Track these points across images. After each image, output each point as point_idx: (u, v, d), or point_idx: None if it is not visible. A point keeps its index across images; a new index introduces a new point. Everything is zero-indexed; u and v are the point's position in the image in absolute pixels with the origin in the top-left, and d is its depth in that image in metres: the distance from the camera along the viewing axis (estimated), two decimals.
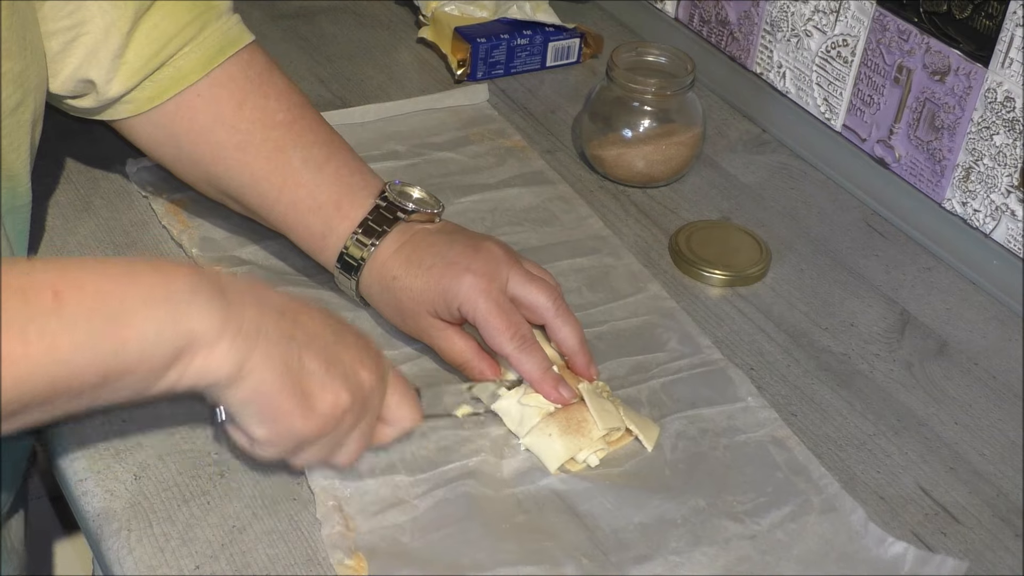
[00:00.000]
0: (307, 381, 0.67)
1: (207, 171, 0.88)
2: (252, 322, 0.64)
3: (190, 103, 0.86)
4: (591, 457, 0.78)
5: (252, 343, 0.64)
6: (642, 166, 1.05)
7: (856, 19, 1.05)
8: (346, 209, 0.86)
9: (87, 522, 0.74)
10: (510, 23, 1.21)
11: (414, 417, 0.75)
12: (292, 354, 0.66)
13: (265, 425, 0.67)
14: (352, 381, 0.69)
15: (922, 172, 1.03)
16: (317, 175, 0.86)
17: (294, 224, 0.87)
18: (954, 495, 0.80)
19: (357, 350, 0.71)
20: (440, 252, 0.83)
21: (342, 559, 0.70)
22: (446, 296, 0.81)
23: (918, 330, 0.94)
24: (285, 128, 0.87)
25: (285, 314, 0.67)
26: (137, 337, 0.60)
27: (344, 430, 0.70)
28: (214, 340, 0.62)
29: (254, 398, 0.65)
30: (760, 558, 0.74)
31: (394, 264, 0.84)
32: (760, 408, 0.84)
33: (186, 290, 0.62)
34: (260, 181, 0.86)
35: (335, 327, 0.71)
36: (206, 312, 0.62)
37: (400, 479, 0.76)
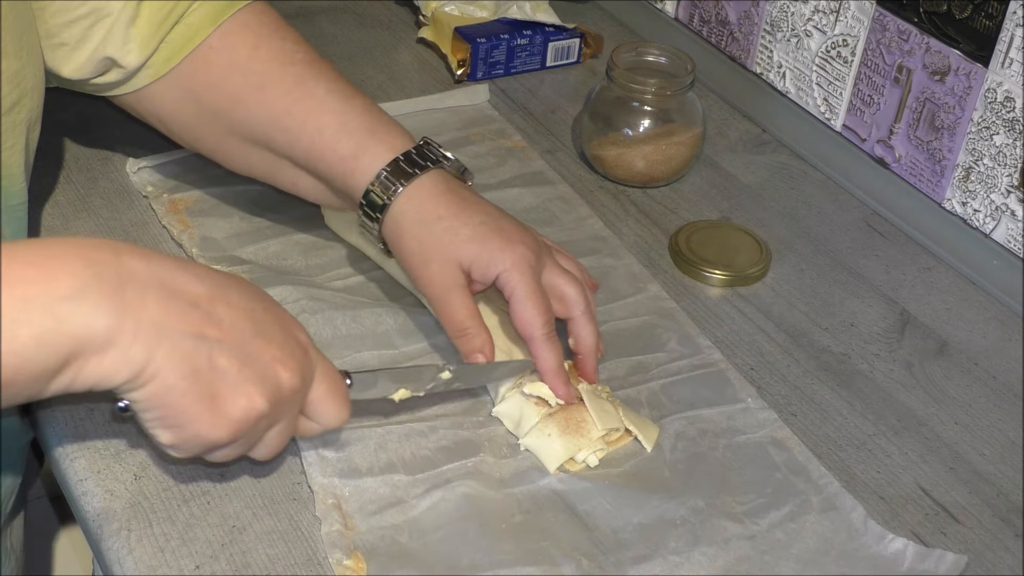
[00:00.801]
0: (217, 383, 0.63)
1: (229, 120, 0.85)
2: (153, 321, 0.60)
3: (204, 56, 0.84)
4: (590, 457, 0.78)
5: (153, 344, 0.60)
6: (642, 166, 1.05)
7: (856, 19, 1.05)
8: (381, 135, 0.81)
9: (87, 522, 0.74)
10: (510, 23, 1.21)
11: (338, 415, 0.70)
12: (200, 355, 0.62)
13: (170, 431, 0.64)
14: (269, 383, 0.65)
15: (922, 172, 1.03)
16: (345, 104, 0.82)
17: (321, 149, 0.82)
18: (954, 495, 0.80)
19: (279, 346, 0.66)
20: (490, 214, 0.81)
21: (341, 559, 0.70)
22: (492, 258, 0.78)
23: (918, 330, 0.94)
24: (305, 65, 0.84)
25: (198, 306, 0.62)
26: (10, 351, 0.56)
27: (259, 432, 0.67)
28: (104, 345, 0.59)
29: (156, 403, 0.62)
30: (759, 558, 0.74)
31: (440, 203, 0.79)
32: (759, 409, 0.84)
33: (70, 294, 0.58)
34: (283, 116, 0.83)
35: (258, 319, 0.65)
36: (93, 315, 0.58)
37: (399, 478, 0.76)
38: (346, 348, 0.85)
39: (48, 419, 0.79)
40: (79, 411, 0.79)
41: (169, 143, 0.99)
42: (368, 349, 0.85)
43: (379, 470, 0.76)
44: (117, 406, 0.64)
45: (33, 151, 0.81)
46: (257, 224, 0.96)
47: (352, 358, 0.84)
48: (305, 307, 0.87)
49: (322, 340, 0.85)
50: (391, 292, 0.91)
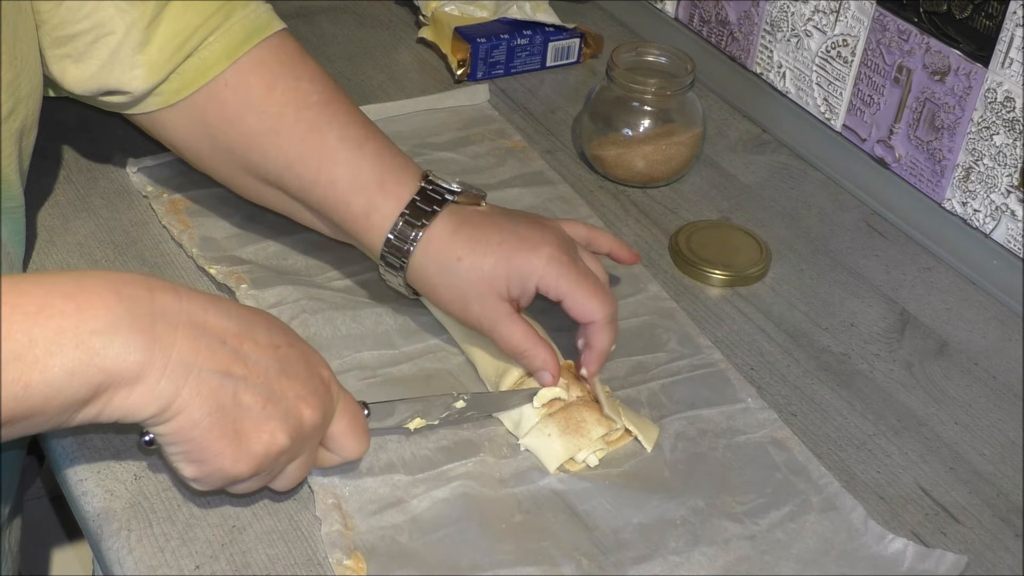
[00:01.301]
0: (242, 419, 0.64)
1: (243, 159, 0.85)
2: (182, 358, 0.62)
3: (218, 92, 0.83)
4: (590, 457, 0.78)
5: (180, 381, 0.62)
6: (642, 166, 1.05)
7: (856, 19, 1.05)
8: (390, 187, 0.81)
9: (87, 522, 0.74)
10: (510, 23, 1.21)
11: (358, 448, 0.72)
12: (226, 391, 0.63)
13: (193, 465, 0.65)
14: (292, 419, 0.66)
15: (922, 172, 1.03)
16: (356, 153, 0.82)
17: (334, 204, 0.82)
18: (954, 495, 0.80)
19: (303, 384, 0.67)
20: (507, 229, 0.80)
21: (341, 559, 0.70)
22: (521, 272, 0.78)
23: (918, 330, 0.94)
24: (319, 108, 0.83)
25: (226, 343, 0.64)
26: (42, 381, 0.58)
27: (280, 466, 0.69)
28: (133, 380, 0.60)
29: (182, 438, 0.63)
30: (759, 558, 0.74)
31: (456, 244, 0.79)
32: (759, 409, 0.84)
33: (102, 328, 0.59)
34: (296, 163, 0.82)
35: (284, 355, 0.67)
36: (124, 351, 0.60)
37: (399, 478, 0.76)
38: (346, 348, 0.85)
39: None
40: None
41: None
42: (368, 349, 0.85)
43: (379, 470, 0.76)
44: (142, 440, 0.67)
45: (28, 156, 0.80)
46: (257, 224, 0.96)
47: (352, 358, 0.84)
48: (306, 307, 0.87)
49: (322, 340, 0.85)
50: (391, 292, 0.91)
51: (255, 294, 0.88)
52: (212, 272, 0.90)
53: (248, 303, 0.87)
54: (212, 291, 0.90)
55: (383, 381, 0.83)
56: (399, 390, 0.82)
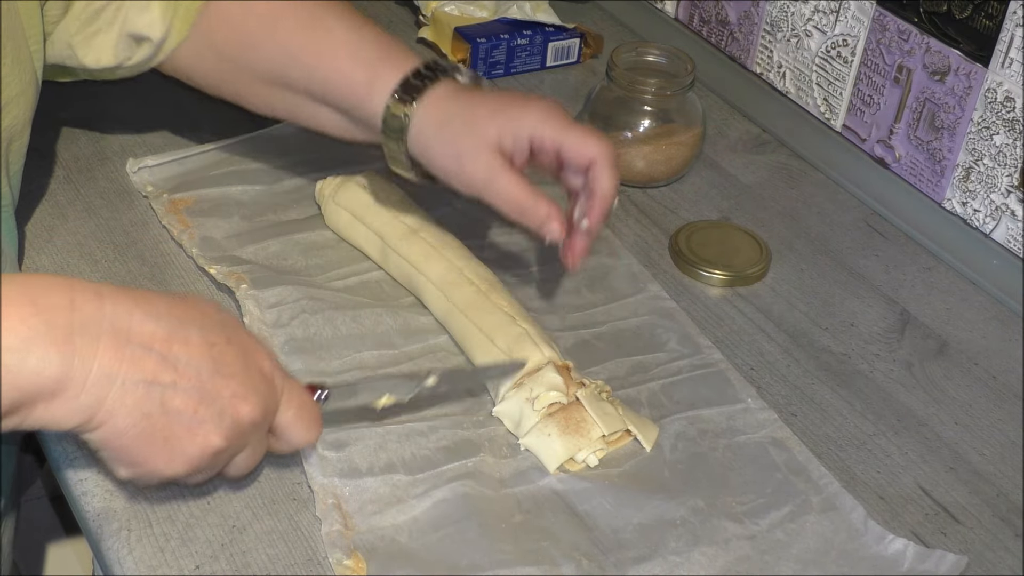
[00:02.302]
0: (171, 425, 0.63)
1: (248, 64, 0.88)
2: (103, 369, 0.60)
3: (218, 8, 0.87)
4: (590, 457, 0.78)
5: (103, 392, 0.60)
6: (642, 166, 1.05)
7: (856, 19, 1.05)
8: (393, 60, 0.83)
9: (87, 522, 0.74)
10: (510, 23, 1.21)
11: (307, 436, 0.71)
12: (152, 399, 0.62)
13: (126, 467, 0.65)
14: (227, 419, 0.65)
15: (922, 172, 1.03)
16: (357, 34, 0.85)
17: (337, 80, 0.84)
18: (954, 495, 0.80)
19: (240, 381, 0.65)
20: (502, 94, 0.84)
21: (341, 559, 0.70)
22: (515, 122, 0.80)
23: (918, 330, 0.94)
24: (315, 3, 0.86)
25: (152, 349, 0.62)
26: None
27: (221, 463, 0.68)
28: (52, 394, 0.59)
29: (109, 445, 0.63)
30: (759, 558, 0.74)
31: (452, 103, 0.81)
32: (760, 409, 0.84)
33: (17, 345, 0.58)
34: (298, 52, 0.85)
35: (219, 353, 0.65)
36: (40, 367, 0.58)
37: (399, 478, 0.76)
38: (346, 348, 0.85)
39: None
40: None
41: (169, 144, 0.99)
42: (368, 349, 0.85)
43: (379, 470, 0.76)
44: None
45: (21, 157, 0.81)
46: (257, 224, 0.96)
47: (352, 358, 0.84)
48: (305, 307, 0.87)
49: (322, 340, 0.85)
50: (391, 292, 0.91)
51: (255, 294, 0.88)
52: (212, 272, 0.90)
53: (248, 303, 0.87)
54: (212, 291, 0.90)
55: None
56: None
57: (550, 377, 0.80)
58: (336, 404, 0.74)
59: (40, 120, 1.01)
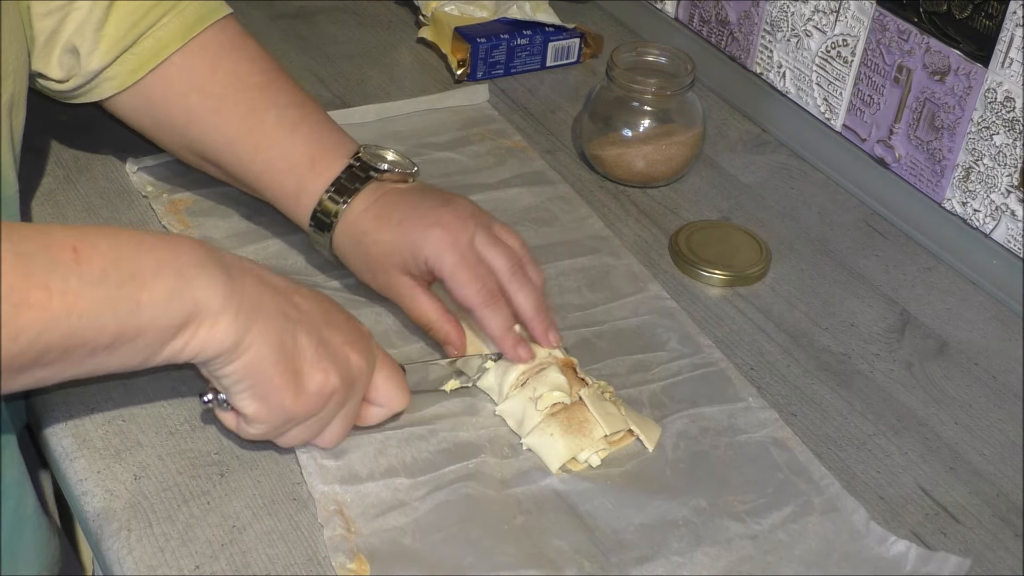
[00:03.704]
0: (299, 359, 0.69)
1: (184, 136, 0.89)
2: (252, 298, 0.67)
3: (165, 71, 0.87)
4: (592, 457, 0.78)
5: (252, 318, 0.67)
6: (642, 166, 1.05)
7: (856, 19, 1.05)
8: (320, 168, 0.86)
9: (87, 522, 0.74)
10: (510, 23, 1.21)
11: (402, 398, 0.77)
12: (287, 332, 0.69)
13: (256, 401, 0.70)
14: (341, 362, 0.71)
15: (922, 172, 1.03)
16: (290, 136, 0.87)
17: (269, 184, 0.88)
18: (954, 495, 0.80)
19: (347, 332, 0.73)
20: (410, 207, 0.84)
21: (344, 562, 0.70)
22: (414, 249, 0.82)
23: (918, 330, 0.94)
24: (258, 90, 0.88)
25: (281, 292, 0.70)
26: (150, 301, 0.63)
27: (331, 410, 0.73)
28: (218, 312, 0.66)
29: (248, 373, 0.68)
30: (762, 558, 0.74)
31: (365, 220, 0.85)
32: (760, 408, 0.84)
33: (193, 263, 0.65)
34: (234, 143, 0.88)
35: (327, 308, 0.73)
36: (212, 285, 0.65)
37: (400, 482, 0.75)
38: None
39: (48, 419, 0.79)
40: (79, 411, 0.79)
41: None
42: None
43: (380, 475, 0.76)
44: (202, 399, 0.72)
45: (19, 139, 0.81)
46: (257, 224, 0.96)
47: None
48: None
49: None
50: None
51: None
52: None
53: None
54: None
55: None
56: None
57: (553, 377, 0.80)
58: (411, 385, 0.79)
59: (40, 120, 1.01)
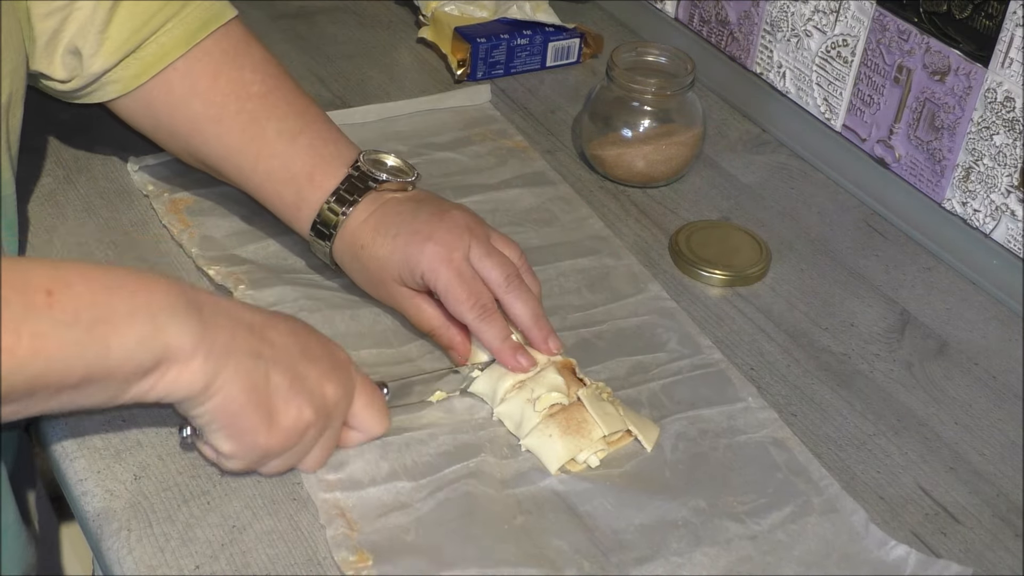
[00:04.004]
0: (272, 397, 0.70)
1: (185, 143, 0.90)
2: (224, 341, 0.67)
3: (167, 77, 0.87)
4: (591, 458, 0.78)
5: (223, 362, 0.67)
6: (642, 166, 1.05)
7: (856, 19, 1.05)
8: (319, 180, 0.86)
9: (87, 522, 0.74)
10: (510, 23, 1.21)
11: (380, 424, 0.77)
12: (259, 372, 0.69)
13: (231, 440, 0.70)
14: (316, 396, 0.72)
15: (922, 172, 1.03)
16: (290, 146, 0.87)
17: (269, 195, 0.88)
18: (954, 495, 0.80)
19: (323, 364, 0.73)
20: (406, 220, 0.84)
21: (346, 557, 0.70)
22: (409, 264, 0.83)
23: (918, 330, 0.94)
24: (259, 100, 0.88)
25: (254, 330, 0.70)
26: (120, 345, 0.63)
27: (308, 442, 0.73)
28: (189, 356, 0.66)
29: (220, 415, 0.69)
30: (761, 559, 0.74)
31: (363, 233, 0.85)
32: (760, 409, 0.84)
33: (165, 306, 0.65)
34: (235, 153, 0.88)
35: (303, 341, 0.73)
36: (183, 329, 0.65)
37: (403, 485, 0.75)
38: (345, 346, 0.85)
39: (48, 419, 0.79)
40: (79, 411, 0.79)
41: None
42: (367, 348, 0.85)
43: (382, 480, 0.76)
44: (181, 435, 0.73)
45: (16, 140, 0.81)
46: (257, 223, 0.96)
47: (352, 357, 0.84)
48: (304, 306, 0.87)
49: None
50: None
51: (252, 295, 0.88)
52: (211, 273, 0.90)
53: None
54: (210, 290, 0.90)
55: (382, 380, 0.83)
56: None
57: (551, 378, 0.80)
58: (395, 401, 0.80)
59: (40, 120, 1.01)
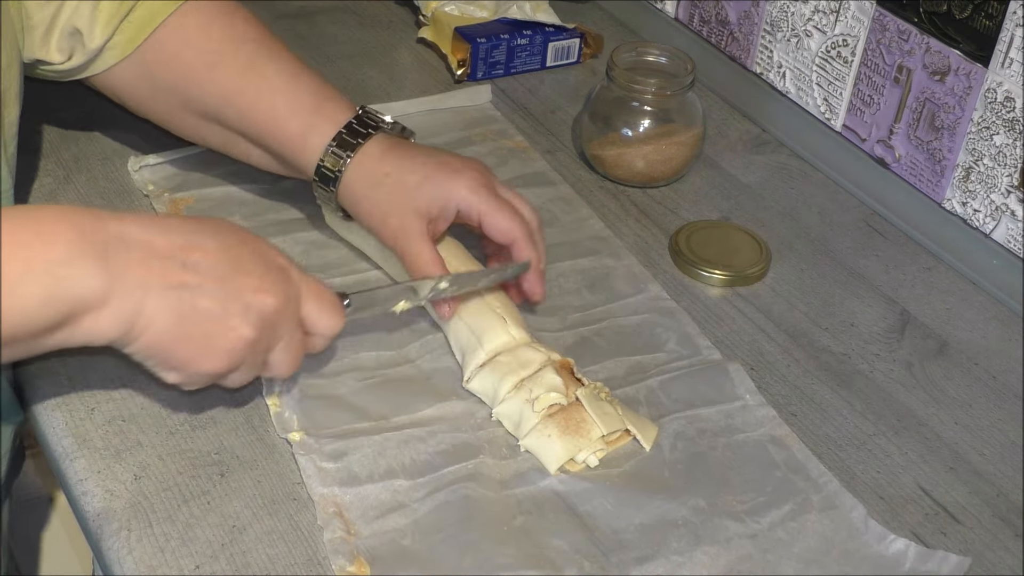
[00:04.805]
0: (205, 323, 0.69)
1: (183, 96, 0.89)
2: (136, 278, 0.65)
3: (160, 36, 0.88)
4: (590, 458, 0.78)
5: (140, 301, 0.66)
6: (642, 166, 1.05)
7: (856, 19, 1.05)
8: (327, 111, 0.86)
9: (87, 522, 0.74)
10: (510, 23, 1.21)
11: (335, 323, 0.76)
12: (184, 302, 0.67)
13: (174, 372, 0.70)
14: (252, 312, 0.70)
15: (922, 172, 1.03)
16: (293, 83, 0.87)
17: (272, 129, 0.87)
18: (954, 495, 0.80)
19: (258, 276, 0.71)
20: (433, 154, 0.86)
21: (344, 565, 0.70)
22: (442, 189, 0.83)
23: (918, 330, 0.94)
24: (256, 44, 0.88)
25: (173, 257, 0.67)
26: (19, 308, 0.62)
27: (259, 354, 0.72)
28: (99, 303, 0.64)
29: (154, 352, 0.68)
30: (761, 557, 0.74)
31: (385, 162, 0.84)
32: (758, 406, 0.84)
33: (65, 258, 0.63)
34: (234, 95, 0.88)
35: (234, 255, 0.71)
36: (87, 278, 0.63)
37: (400, 483, 0.76)
38: (344, 349, 0.85)
39: (48, 419, 0.79)
40: (79, 411, 0.79)
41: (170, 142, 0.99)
42: (366, 350, 0.86)
43: (379, 476, 0.76)
44: None
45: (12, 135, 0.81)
46: (257, 223, 0.96)
47: (350, 359, 0.84)
48: None
49: None
50: None
51: None
52: None
53: None
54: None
55: (381, 382, 0.83)
56: (398, 390, 0.82)
57: (550, 378, 0.80)
58: (357, 312, 0.79)
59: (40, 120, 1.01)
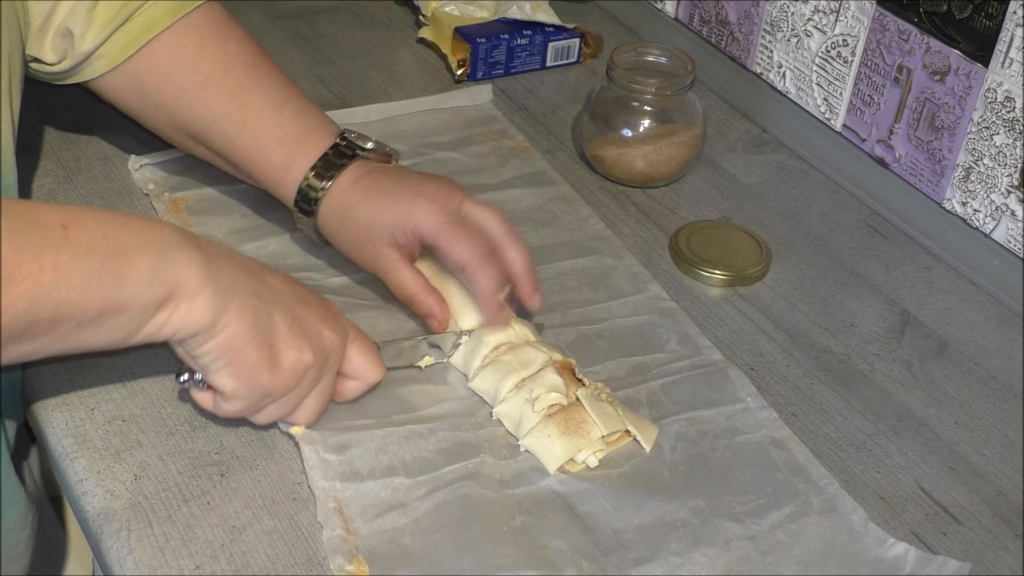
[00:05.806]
0: (274, 336, 0.72)
1: (171, 114, 0.91)
2: (228, 279, 0.70)
3: (153, 49, 0.89)
4: (590, 458, 0.78)
5: (229, 298, 0.69)
6: (642, 166, 1.05)
7: (856, 19, 1.05)
8: (307, 144, 0.88)
9: (87, 522, 0.74)
10: (510, 23, 1.21)
11: (376, 369, 0.79)
12: (262, 310, 0.71)
13: (234, 378, 0.72)
14: (315, 339, 0.74)
15: (922, 172, 1.03)
16: (277, 114, 0.89)
17: (255, 158, 0.89)
18: (954, 495, 0.80)
19: (319, 310, 0.75)
20: (398, 181, 0.87)
21: (343, 564, 0.70)
22: (402, 216, 0.84)
23: (918, 330, 0.94)
24: (246, 69, 0.90)
25: (254, 273, 0.72)
26: (135, 276, 0.65)
27: (306, 386, 0.75)
28: (197, 290, 0.68)
29: (226, 351, 0.70)
30: (761, 559, 0.74)
31: (352, 193, 0.87)
32: (759, 409, 0.84)
33: (172, 242, 0.68)
34: (221, 119, 0.89)
35: (297, 288, 0.76)
36: (190, 263, 0.68)
37: (400, 481, 0.76)
38: None
39: (48, 420, 0.79)
40: (79, 411, 0.79)
41: None
42: None
43: (380, 473, 0.76)
44: (178, 379, 0.73)
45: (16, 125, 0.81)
46: (257, 222, 0.96)
47: None
48: None
49: None
50: (387, 293, 0.91)
51: None
52: None
53: None
54: None
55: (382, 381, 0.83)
56: (398, 389, 0.82)
57: (550, 378, 0.80)
58: (386, 362, 0.81)
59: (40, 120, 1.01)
